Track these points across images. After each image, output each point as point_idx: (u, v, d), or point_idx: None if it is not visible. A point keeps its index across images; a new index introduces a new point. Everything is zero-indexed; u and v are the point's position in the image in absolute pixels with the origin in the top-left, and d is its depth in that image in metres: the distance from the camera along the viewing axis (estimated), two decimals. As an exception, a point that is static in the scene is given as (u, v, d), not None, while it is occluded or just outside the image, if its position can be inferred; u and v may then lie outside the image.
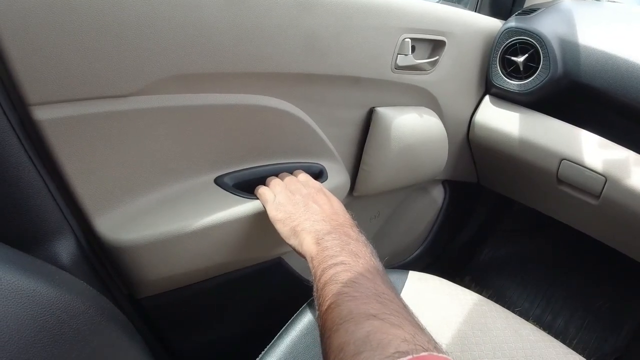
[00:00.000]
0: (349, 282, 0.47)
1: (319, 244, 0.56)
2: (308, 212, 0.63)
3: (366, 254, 0.54)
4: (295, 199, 0.67)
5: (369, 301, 0.44)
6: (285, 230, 0.64)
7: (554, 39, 1.00)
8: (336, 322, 0.42)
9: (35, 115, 0.52)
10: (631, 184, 0.96)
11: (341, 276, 0.49)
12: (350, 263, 0.51)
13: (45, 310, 0.42)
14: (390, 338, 0.38)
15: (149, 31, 0.56)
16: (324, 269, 0.51)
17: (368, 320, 0.41)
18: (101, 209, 0.63)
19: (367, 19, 0.79)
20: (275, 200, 0.68)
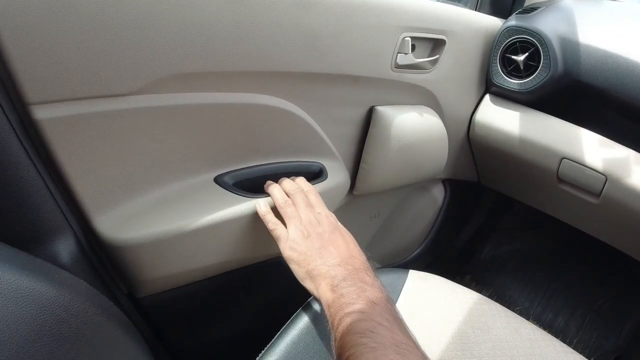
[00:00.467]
0: (367, 332, 0.47)
1: (335, 290, 0.55)
2: (324, 254, 0.62)
3: (382, 300, 0.53)
4: (310, 238, 0.65)
5: (387, 352, 0.44)
6: (300, 272, 0.63)
7: (555, 37, 1.00)
8: None
9: (34, 115, 0.52)
10: (631, 183, 0.96)
11: (359, 326, 0.48)
12: (367, 311, 0.50)
13: (44, 309, 0.42)
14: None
15: (149, 30, 0.56)
16: (341, 318, 0.51)
17: None
18: (101, 208, 0.63)
19: (367, 17, 0.78)
20: (289, 238, 0.66)
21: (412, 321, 0.78)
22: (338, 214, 0.99)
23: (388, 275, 0.85)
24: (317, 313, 0.75)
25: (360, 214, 1.11)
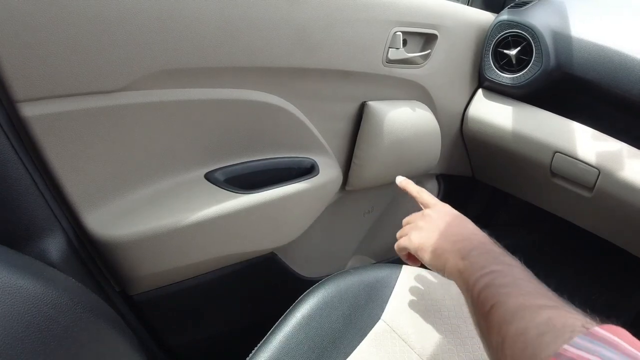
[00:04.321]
0: (510, 284, 0.46)
1: (465, 259, 0.54)
2: (446, 234, 0.61)
3: (517, 263, 0.51)
4: (427, 227, 0.65)
5: (537, 296, 0.43)
6: (426, 256, 0.62)
7: (547, 31, 1.00)
8: (507, 316, 0.42)
9: (22, 112, 0.52)
10: (624, 176, 0.96)
11: (499, 280, 0.47)
12: (504, 270, 0.49)
13: (32, 307, 0.42)
14: (572, 321, 0.37)
15: (136, 26, 0.56)
16: (477, 279, 0.49)
17: (543, 310, 0.40)
18: (91, 205, 0.63)
19: (358, 12, 0.78)
20: (410, 237, 0.66)
21: (405, 315, 0.78)
22: (331, 209, 0.99)
23: (381, 271, 0.85)
24: (310, 309, 0.75)
25: (354, 209, 1.11)
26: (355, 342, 0.73)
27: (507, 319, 0.41)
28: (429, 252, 0.61)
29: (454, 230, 0.61)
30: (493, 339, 0.43)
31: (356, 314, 0.76)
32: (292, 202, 0.82)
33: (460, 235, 0.60)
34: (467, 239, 0.58)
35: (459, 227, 0.62)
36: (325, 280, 0.81)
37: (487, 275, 0.48)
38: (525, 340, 0.38)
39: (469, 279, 0.51)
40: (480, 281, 0.48)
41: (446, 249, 0.58)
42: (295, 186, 0.82)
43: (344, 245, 1.16)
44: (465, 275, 0.52)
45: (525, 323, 0.39)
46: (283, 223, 0.86)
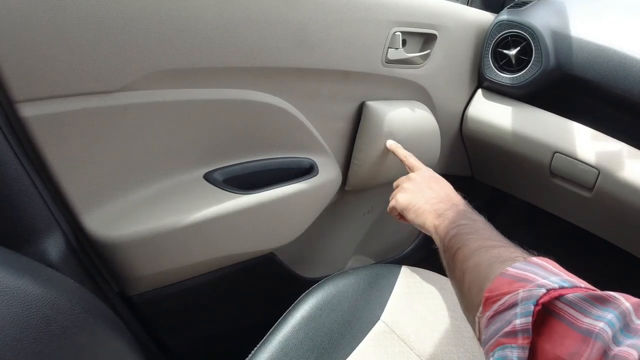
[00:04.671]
0: (472, 232, 0.57)
1: (439, 217, 0.66)
2: (425, 197, 0.73)
3: (481, 218, 0.63)
4: (411, 189, 0.77)
5: (491, 240, 0.54)
6: (410, 215, 0.73)
7: (546, 31, 1.00)
8: (468, 254, 0.53)
9: (21, 112, 0.52)
10: (624, 177, 0.96)
11: (465, 229, 0.59)
12: (469, 224, 0.60)
13: (30, 307, 0.42)
14: (515, 254, 0.48)
15: (135, 26, 0.56)
16: (447, 231, 0.61)
17: (495, 248, 0.51)
18: (89, 206, 0.62)
19: (357, 12, 0.78)
20: (397, 198, 0.78)
21: (404, 316, 0.78)
22: (330, 209, 0.99)
23: (381, 271, 0.85)
24: (309, 310, 0.75)
25: (353, 209, 1.11)
26: (354, 343, 0.73)
27: (468, 256, 0.52)
28: (412, 212, 0.72)
29: (433, 192, 0.73)
30: (457, 274, 0.54)
31: (355, 315, 0.76)
32: (291, 202, 0.82)
33: (438, 197, 0.71)
34: (443, 201, 0.70)
35: (438, 190, 0.74)
36: (324, 280, 0.81)
37: (455, 227, 0.60)
38: (479, 270, 0.48)
39: (442, 232, 0.62)
40: (450, 232, 0.60)
41: (426, 209, 0.70)
42: (295, 186, 0.82)
43: (344, 246, 1.16)
44: (439, 230, 0.64)
45: (480, 258, 0.50)
46: (282, 223, 0.85)
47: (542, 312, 0.37)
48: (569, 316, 0.36)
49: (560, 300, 0.37)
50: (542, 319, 0.37)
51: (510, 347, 0.37)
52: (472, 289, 0.48)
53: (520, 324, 0.37)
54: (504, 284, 0.42)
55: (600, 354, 0.32)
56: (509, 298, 0.40)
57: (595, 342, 0.33)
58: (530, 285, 0.39)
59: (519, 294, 0.39)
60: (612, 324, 0.34)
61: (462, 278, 0.52)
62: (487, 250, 0.51)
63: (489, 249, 0.51)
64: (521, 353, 0.36)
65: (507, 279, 0.42)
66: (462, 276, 0.52)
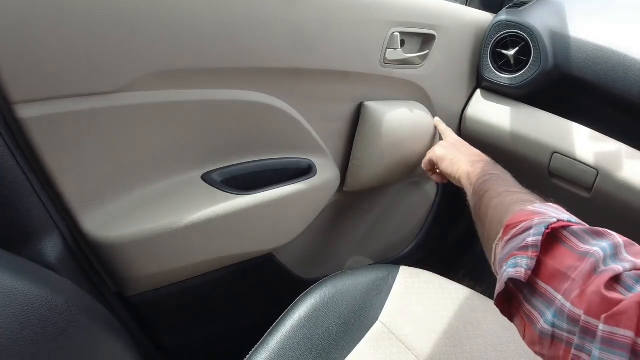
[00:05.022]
0: (499, 179, 0.66)
1: (473, 165, 0.77)
2: (459, 150, 0.86)
3: (508, 173, 0.71)
4: (447, 145, 0.91)
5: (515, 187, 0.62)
6: (444, 164, 0.85)
7: (545, 31, 1.00)
8: (494, 195, 0.60)
9: (18, 114, 0.52)
10: (623, 177, 0.95)
11: (494, 177, 0.67)
12: (498, 173, 0.69)
13: (27, 308, 0.42)
14: (534, 199, 0.55)
15: (132, 27, 0.56)
16: (479, 176, 0.70)
17: (517, 194, 0.58)
18: (87, 206, 0.63)
19: (355, 12, 0.78)
20: (434, 150, 0.92)
21: (403, 317, 0.78)
22: (329, 210, 0.99)
23: (379, 271, 0.85)
24: (308, 310, 0.75)
25: (352, 210, 1.11)
26: (353, 343, 0.73)
27: (493, 197, 0.60)
28: (448, 161, 0.84)
29: (467, 149, 0.87)
30: (482, 210, 0.61)
31: (354, 315, 0.76)
32: (290, 203, 0.82)
33: (471, 152, 0.85)
34: (475, 155, 0.83)
35: (470, 148, 0.88)
36: (323, 281, 0.81)
37: (486, 174, 0.69)
38: (502, 206, 0.56)
39: (474, 176, 0.72)
40: (481, 177, 0.69)
41: (461, 159, 0.82)
42: (293, 187, 0.82)
43: (342, 246, 1.16)
44: (471, 175, 0.74)
45: (504, 198, 0.58)
46: (281, 224, 0.85)
47: (550, 236, 0.44)
48: (571, 242, 0.43)
49: (566, 229, 0.44)
50: (549, 242, 0.44)
51: (521, 257, 0.44)
52: (494, 222, 0.55)
53: (532, 241, 0.44)
54: (523, 215, 0.48)
55: (592, 268, 0.39)
56: (526, 224, 0.46)
57: (588, 259, 0.40)
58: (545, 216, 0.46)
59: (534, 220, 0.46)
60: (605, 250, 0.40)
61: (486, 213, 0.59)
62: (510, 194, 0.59)
63: (513, 193, 0.59)
64: (529, 262, 0.43)
65: (526, 212, 0.49)
66: (487, 212, 0.59)
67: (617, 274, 0.37)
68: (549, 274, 0.42)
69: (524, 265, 0.43)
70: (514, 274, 0.44)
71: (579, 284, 0.39)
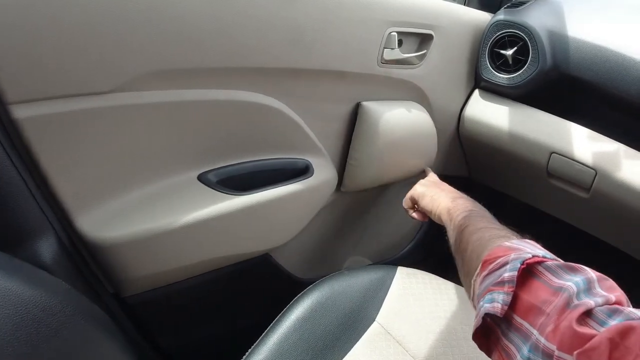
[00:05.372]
0: (479, 216, 0.68)
1: (454, 201, 0.77)
2: (440, 188, 0.88)
3: (487, 212, 0.72)
4: (428, 183, 0.93)
5: (495, 225, 0.64)
6: (425, 200, 0.86)
7: (543, 31, 1.00)
8: (474, 231, 0.62)
9: (14, 114, 0.52)
10: (621, 177, 0.95)
11: (474, 214, 0.69)
12: (479, 211, 0.71)
13: (20, 309, 0.42)
14: (513, 236, 0.57)
15: (127, 27, 0.56)
16: (460, 212, 0.71)
17: (496, 230, 0.60)
18: (83, 207, 0.62)
19: (352, 12, 0.78)
20: (415, 188, 0.93)
21: (400, 317, 0.78)
22: (326, 210, 0.99)
23: (376, 272, 0.85)
24: (305, 311, 0.75)
25: (349, 210, 1.10)
26: (349, 344, 0.73)
27: (473, 232, 0.62)
28: (429, 197, 0.85)
29: (447, 187, 0.89)
30: (462, 245, 0.62)
31: (351, 316, 0.76)
32: (287, 203, 0.82)
33: (451, 190, 0.86)
34: (455, 192, 0.85)
35: (449, 187, 0.89)
36: (320, 281, 0.81)
37: (466, 211, 0.71)
38: (481, 242, 0.57)
39: (455, 212, 0.73)
40: (461, 213, 0.70)
41: (442, 195, 0.83)
42: (290, 187, 0.82)
43: (339, 247, 1.16)
44: (452, 211, 0.74)
45: (483, 234, 0.59)
46: (277, 224, 0.85)
47: (525, 272, 0.45)
48: (545, 277, 0.44)
49: (541, 265, 0.46)
50: (525, 277, 0.45)
51: (497, 292, 0.45)
52: (473, 257, 0.57)
53: (508, 276, 0.45)
54: (500, 251, 0.50)
55: (565, 302, 0.40)
56: (502, 259, 0.48)
57: (562, 294, 0.41)
58: (520, 252, 0.48)
59: (511, 256, 0.47)
60: (578, 284, 0.41)
61: (466, 248, 0.60)
62: (489, 230, 0.61)
63: (491, 229, 0.61)
64: (505, 297, 0.44)
65: (503, 248, 0.51)
66: (466, 247, 0.60)
67: (589, 309, 0.38)
68: (525, 309, 0.43)
69: (500, 300, 0.44)
70: (491, 309, 0.44)
71: (553, 319, 0.40)
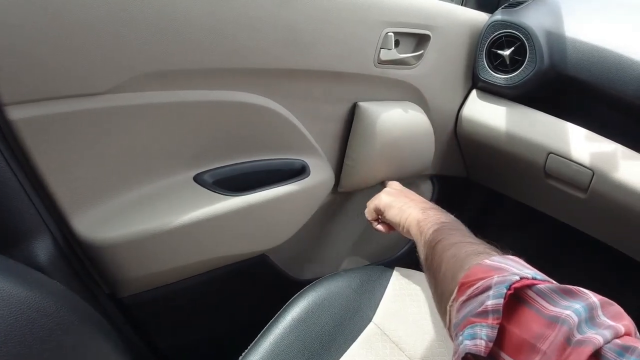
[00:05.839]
0: (453, 229, 0.63)
1: (424, 212, 0.72)
2: (408, 197, 0.82)
3: (460, 224, 0.67)
4: (395, 193, 0.87)
5: (469, 239, 0.58)
6: (392, 211, 0.80)
7: (540, 31, 1.00)
8: (447, 246, 0.56)
9: (9, 115, 0.52)
10: (618, 177, 0.95)
11: (447, 226, 0.64)
12: (451, 222, 0.67)
13: (15, 310, 0.42)
14: (491, 252, 0.52)
15: (123, 27, 0.56)
16: (432, 224, 0.66)
17: (472, 245, 0.54)
18: (79, 208, 0.62)
19: (348, 12, 0.78)
20: (380, 197, 0.87)
21: (396, 318, 0.78)
22: (323, 211, 0.99)
23: (373, 272, 0.85)
24: (301, 312, 0.75)
25: (346, 211, 1.10)
26: (346, 345, 0.73)
27: (447, 248, 0.56)
28: (396, 208, 0.79)
29: (414, 196, 0.84)
30: (434, 263, 0.57)
31: (347, 316, 0.76)
32: (283, 203, 0.82)
33: (420, 200, 0.81)
34: (425, 202, 0.80)
35: (418, 196, 0.84)
36: (316, 282, 0.81)
37: (439, 223, 0.66)
38: (456, 260, 0.51)
39: (425, 224, 0.68)
40: (434, 226, 0.65)
41: (410, 205, 0.77)
42: (286, 188, 0.82)
43: (336, 247, 1.16)
44: (422, 223, 0.69)
45: (458, 250, 0.53)
46: (274, 225, 0.85)
47: (513, 298, 0.38)
48: (537, 304, 0.37)
49: (531, 289, 0.39)
50: (512, 305, 0.38)
51: (480, 325, 0.38)
52: (447, 277, 0.50)
53: (492, 305, 0.38)
54: (480, 272, 0.44)
55: (565, 338, 0.33)
56: (484, 282, 0.41)
57: (561, 327, 0.34)
58: (504, 273, 0.41)
59: (494, 279, 0.40)
60: (579, 313, 0.35)
61: (439, 266, 0.54)
62: (465, 245, 0.54)
63: (467, 244, 0.55)
64: (490, 332, 0.37)
65: (483, 267, 0.44)
66: (440, 265, 0.54)
67: (597, 348, 0.31)
68: (514, 346, 0.36)
69: (483, 336, 0.37)
70: (473, 348, 0.37)
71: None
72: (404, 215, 0.76)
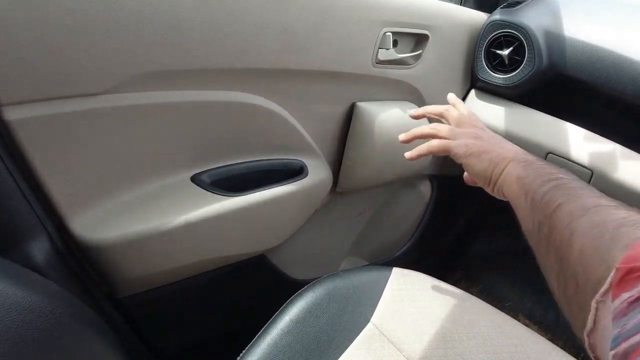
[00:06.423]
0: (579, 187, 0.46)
1: (528, 167, 0.54)
2: (503, 146, 0.61)
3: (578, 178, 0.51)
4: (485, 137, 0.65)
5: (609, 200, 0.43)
6: (479, 163, 0.61)
7: (539, 31, 1.00)
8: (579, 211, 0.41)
9: (6, 116, 0.52)
10: (617, 178, 0.95)
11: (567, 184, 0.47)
12: (570, 178, 0.49)
13: (10, 311, 0.42)
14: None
15: (119, 28, 0.56)
16: (542, 182, 0.49)
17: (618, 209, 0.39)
18: (76, 208, 0.62)
19: (346, 12, 0.78)
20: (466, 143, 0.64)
21: (394, 318, 0.77)
22: (321, 211, 0.99)
23: (371, 273, 0.84)
24: (299, 312, 0.75)
25: (345, 211, 1.10)
26: (344, 345, 0.72)
27: (579, 214, 0.40)
28: (486, 160, 0.60)
29: (509, 145, 0.62)
30: (557, 234, 0.41)
31: (345, 317, 0.76)
32: (281, 204, 0.82)
33: (520, 151, 0.60)
34: (527, 154, 0.59)
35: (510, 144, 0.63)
36: (314, 282, 0.81)
37: (553, 180, 0.48)
38: (601, 231, 0.36)
39: (531, 183, 0.50)
40: (546, 184, 0.48)
41: (506, 156, 0.58)
42: (284, 188, 0.82)
43: (335, 247, 1.16)
44: (526, 180, 0.52)
45: (601, 217, 0.38)
46: (272, 225, 0.85)
47: None
48: None
49: None
50: None
51: None
52: (588, 257, 0.36)
53: None
54: None
55: None
56: None
57: None
58: None
59: None
60: None
61: (569, 241, 0.39)
62: (607, 209, 0.39)
63: (611, 208, 0.39)
64: None
65: None
66: (569, 239, 0.39)
67: None
68: None
69: None
70: None
71: None
72: (498, 167, 0.58)
